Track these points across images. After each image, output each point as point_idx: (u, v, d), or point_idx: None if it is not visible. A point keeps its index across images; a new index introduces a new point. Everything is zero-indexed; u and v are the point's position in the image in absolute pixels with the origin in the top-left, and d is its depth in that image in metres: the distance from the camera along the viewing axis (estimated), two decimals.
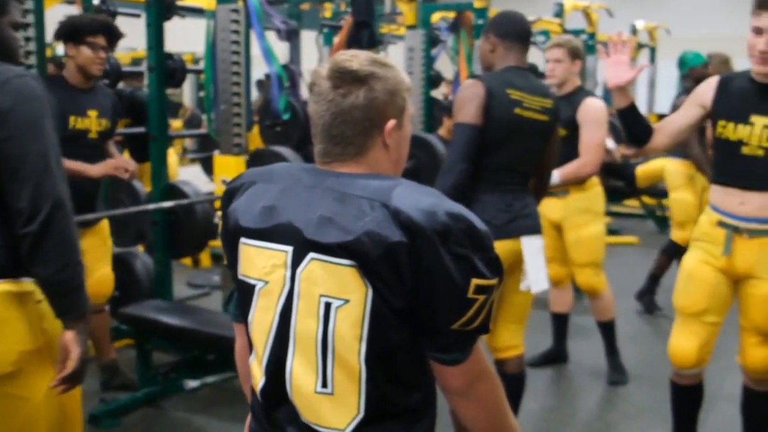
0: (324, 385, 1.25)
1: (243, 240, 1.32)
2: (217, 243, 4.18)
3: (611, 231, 6.96)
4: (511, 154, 2.65)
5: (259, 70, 6.26)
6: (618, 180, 7.09)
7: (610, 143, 3.83)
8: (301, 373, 1.27)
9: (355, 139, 1.29)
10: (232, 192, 1.39)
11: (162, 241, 4.05)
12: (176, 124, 7.41)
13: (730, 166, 2.53)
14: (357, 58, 1.29)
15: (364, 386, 1.24)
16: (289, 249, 1.26)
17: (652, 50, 10.58)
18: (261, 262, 1.29)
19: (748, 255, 2.52)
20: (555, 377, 4.07)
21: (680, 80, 4.80)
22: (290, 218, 1.26)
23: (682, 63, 4.83)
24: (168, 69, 4.13)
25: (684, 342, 2.64)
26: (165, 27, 4.06)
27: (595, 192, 3.88)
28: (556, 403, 3.76)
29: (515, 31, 2.73)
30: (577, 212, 3.79)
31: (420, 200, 1.21)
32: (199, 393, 3.63)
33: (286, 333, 1.27)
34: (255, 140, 5.42)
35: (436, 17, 6.66)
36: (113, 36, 3.39)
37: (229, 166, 3.96)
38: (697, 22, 13.27)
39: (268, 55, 5.28)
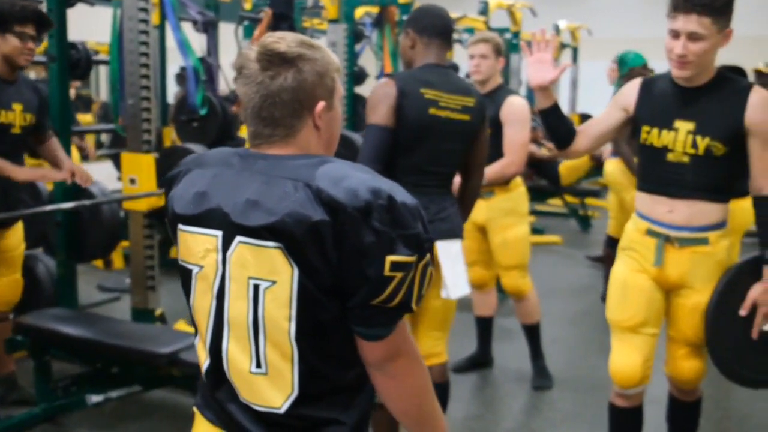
0: (258, 365, 1.28)
1: (180, 227, 1.35)
2: (128, 243, 3.96)
3: (535, 230, 6.95)
4: (427, 155, 2.53)
5: (176, 63, 6.00)
6: (543, 178, 7.11)
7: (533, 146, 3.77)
8: (236, 354, 1.30)
9: (285, 120, 1.30)
10: (171, 180, 1.41)
11: (65, 244, 3.78)
12: (87, 118, 7.07)
13: (656, 173, 2.44)
14: (285, 40, 1.30)
15: (296, 365, 1.27)
16: (219, 233, 1.28)
17: (575, 50, 10.71)
18: (196, 247, 1.32)
19: (680, 265, 2.43)
20: (479, 383, 3.97)
21: (620, 80, 4.79)
22: (219, 203, 1.28)
23: (623, 63, 4.80)
24: (71, 60, 3.85)
25: (626, 359, 2.50)
26: (70, 15, 3.77)
27: (520, 192, 3.81)
28: (480, 410, 3.67)
29: (435, 27, 2.61)
30: (501, 214, 3.70)
31: (343, 178, 1.22)
32: (103, 408, 3.39)
33: (221, 315, 1.31)
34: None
35: (360, 12, 6.57)
36: (43, 25, 3.13)
37: (137, 164, 3.72)
38: (618, 24, 13.51)
39: (184, 47, 5.05)
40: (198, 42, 5.38)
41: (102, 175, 4.80)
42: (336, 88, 1.36)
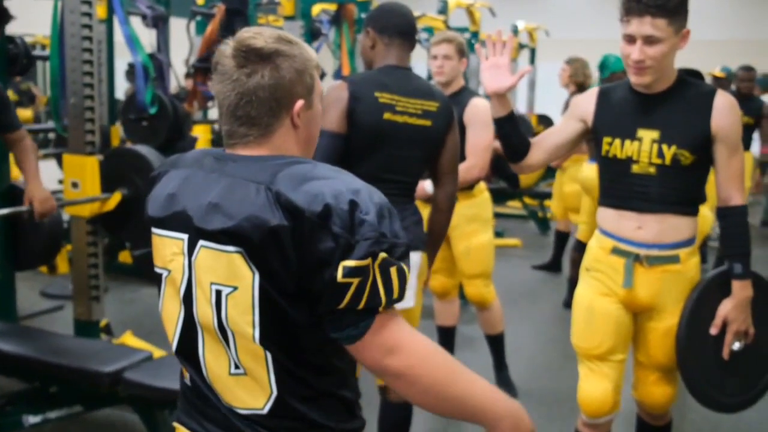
0: (236, 366, 1.26)
1: (153, 230, 1.33)
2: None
3: (495, 233, 6.85)
4: (383, 162, 2.39)
5: (126, 58, 5.75)
6: (502, 179, 7.03)
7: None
8: (212, 359, 1.28)
9: (261, 120, 1.26)
10: (152, 182, 1.38)
11: (1, 252, 3.54)
12: (26, 114, 6.76)
13: (621, 187, 2.27)
14: (262, 35, 1.26)
15: (270, 366, 1.24)
16: (185, 237, 1.26)
17: (532, 51, 10.70)
18: (164, 250, 1.30)
19: (650, 285, 2.26)
20: None
21: (600, 83, 4.69)
22: (185, 206, 1.26)
23: (604, 66, 4.69)
24: (9, 54, 3.61)
25: (596, 388, 2.35)
26: (15, 6, 3.52)
27: (484, 198, 3.68)
28: (443, 425, 3.53)
29: (397, 26, 2.46)
30: (465, 220, 3.56)
31: (304, 181, 1.19)
32: (41, 430, 3.16)
33: (191, 321, 1.28)
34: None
35: (316, 9, 6.41)
36: (2, 18, 2.89)
37: (80, 167, 3.50)
38: (576, 25, 13.56)
39: (133, 43, 4.82)
40: (148, 37, 5.17)
41: (44, 177, 4.54)
42: (315, 86, 1.32)
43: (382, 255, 1.18)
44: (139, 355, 2.84)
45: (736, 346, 2.28)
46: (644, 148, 2.22)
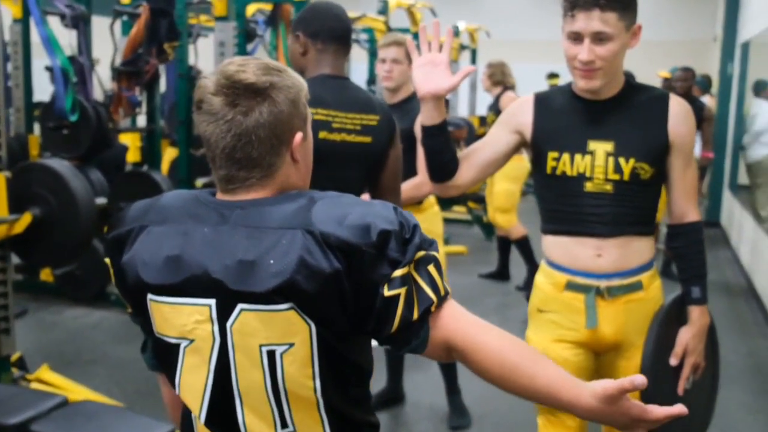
0: (284, 425, 1.20)
1: (152, 297, 1.20)
2: None
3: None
4: (318, 185, 2.11)
5: (42, 61, 5.33)
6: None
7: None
8: (255, 423, 1.20)
9: (263, 160, 1.19)
10: (119, 241, 1.23)
11: None
12: None
13: (573, 210, 1.97)
14: (249, 67, 1.17)
15: (325, 416, 1.20)
16: (212, 302, 1.16)
17: (473, 52, 10.59)
18: (180, 319, 1.18)
19: (614, 319, 1.98)
20: (390, 424, 3.58)
21: None
22: (205, 267, 1.15)
23: None
24: None
25: None
26: None
27: (434, 212, 3.44)
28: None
29: (331, 30, 2.20)
30: None
31: (344, 216, 1.13)
32: None
33: (228, 388, 1.19)
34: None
35: (251, 9, 6.14)
36: None
37: None
38: (518, 26, 13.51)
39: (50, 44, 4.46)
40: (68, 39, 4.79)
41: None
42: (308, 114, 1.25)
43: (419, 254, 1.15)
44: (52, 400, 2.50)
45: (689, 382, 2.04)
46: (598, 162, 1.94)
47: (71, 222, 3.34)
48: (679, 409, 1.15)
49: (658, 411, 1.16)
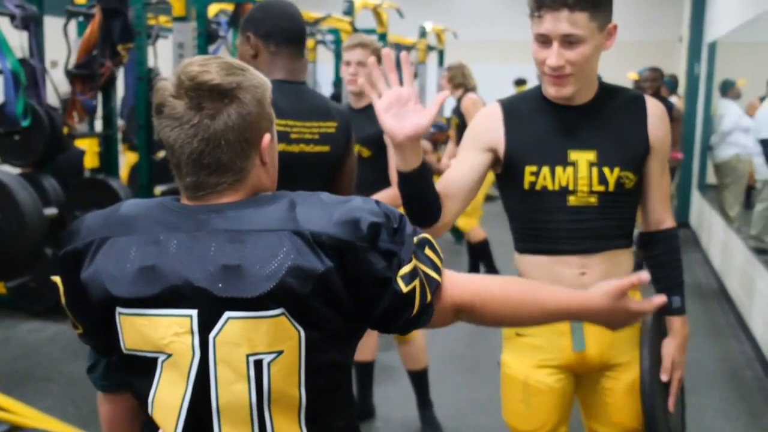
0: None
1: (121, 311, 1.14)
2: None
3: None
4: None
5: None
6: None
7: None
8: None
9: (233, 164, 1.15)
10: (77, 255, 1.17)
11: None
12: None
13: (556, 227, 1.81)
14: (211, 67, 1.13)
15: (304, 423, 1.17)
16: (193, 313, 1.11)
17: (441, 53, 10.54)
18: (157, 333, 1.13)
19: (599, 340, 1.85)
20: None
21: None
22: (184, 277, 1.11)
23: None
24: None
25: None
26: None
27: None
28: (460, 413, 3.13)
29: (284, 31, 2.05)
30: None
31: (331, 213, 1.13)
32: None
33: (206, 404, 1.14)
34: None
35: (214, 9, 5.99)
36: None
37: None
38: (485, 27, 13.47)
39: (0, 46, 4.26)
40: (18, 40, 4.59)
41: None
42: (273, 114, 1.22)
43: (415, 240, 1.18)
44: None
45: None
46: (581, 174, 1.79)
47: (18, 234, 3.17)
48: (660, 299, 1.37)
49: (647, 304, 1.35)
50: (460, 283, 1.25)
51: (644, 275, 1.32)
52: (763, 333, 4.47)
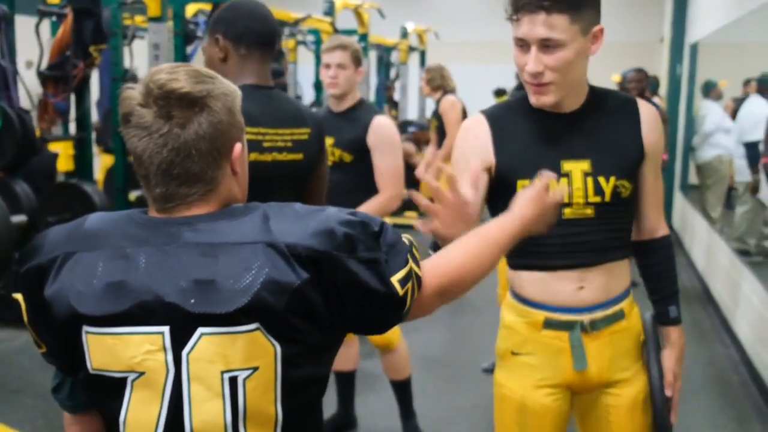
0: None
1: (89, 330, 1.09)
2: None
3: None
4: None
5: None
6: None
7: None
8: None
9: (204, 175, 1.12)
10: (40, 271, 1.12)
11: None
12: None
13: (550, 242, 1.67)
14: (179, 75, 1.10)
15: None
16: (165, 329, 1.07)
17: (422, 53, 10.48)
18: (128, 351, 1.08)
19: (600, 356, 1.78)
20: None
21: None
22: (154, 292, 1.06)
23: None
24: None
25: None
26: None
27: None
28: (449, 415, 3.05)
29: (256, 33, 1.95)
30: None
31: (305, 224, 1.10)
32: None
33: (180, 425, 1.09)
34: None
35: (192, 9, 5.87)
36: None
37: None
38: (466, 27, 13.41)
39: None
40: None
41: None
42: (243, 122, 1.19)
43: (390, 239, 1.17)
44: None
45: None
46: (576, 185, 1.70)
47: None
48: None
49: (555, 196, 1.43)
50: (433, 267, 1.25)
51: (546, 173, 1.44)
52: (749, 337, 4.43)
